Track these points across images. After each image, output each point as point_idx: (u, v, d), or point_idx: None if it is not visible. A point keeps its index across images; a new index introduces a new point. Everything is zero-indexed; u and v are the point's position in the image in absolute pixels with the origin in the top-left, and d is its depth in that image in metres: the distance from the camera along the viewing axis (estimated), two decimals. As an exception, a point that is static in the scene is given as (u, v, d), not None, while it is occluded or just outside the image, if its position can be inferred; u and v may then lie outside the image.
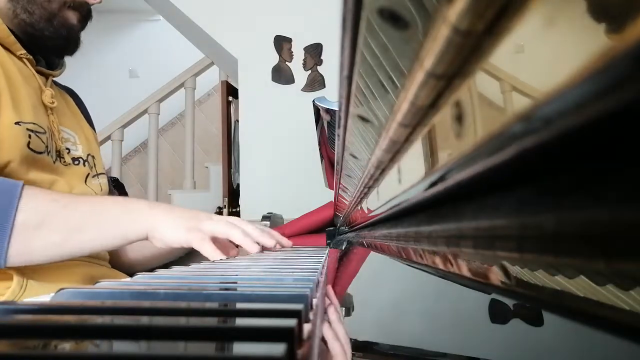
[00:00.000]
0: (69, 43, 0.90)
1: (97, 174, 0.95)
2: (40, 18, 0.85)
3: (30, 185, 0.71)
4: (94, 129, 1.05)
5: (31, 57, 0.85)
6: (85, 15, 0.91)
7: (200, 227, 0.73)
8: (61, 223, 0.69)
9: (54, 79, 0.94)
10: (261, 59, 2.70)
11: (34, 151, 0.78)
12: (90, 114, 1.07)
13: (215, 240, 0.74)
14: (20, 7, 0.84)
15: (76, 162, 0.90)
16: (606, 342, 0.13)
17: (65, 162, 0.86)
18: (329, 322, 0.29)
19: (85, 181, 0.90)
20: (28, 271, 0.73)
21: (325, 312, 0.32)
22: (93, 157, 0.96)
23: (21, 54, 0.84)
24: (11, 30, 0.83)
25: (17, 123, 0.75)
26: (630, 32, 0.08)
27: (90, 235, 0.71)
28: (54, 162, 0.83)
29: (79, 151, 0.92)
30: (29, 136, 0.77)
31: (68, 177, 0.86)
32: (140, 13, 4.75)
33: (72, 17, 0.88)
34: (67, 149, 0.88)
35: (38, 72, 0.87)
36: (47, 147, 0.81)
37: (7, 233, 0.65)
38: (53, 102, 0.86)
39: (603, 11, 0.09)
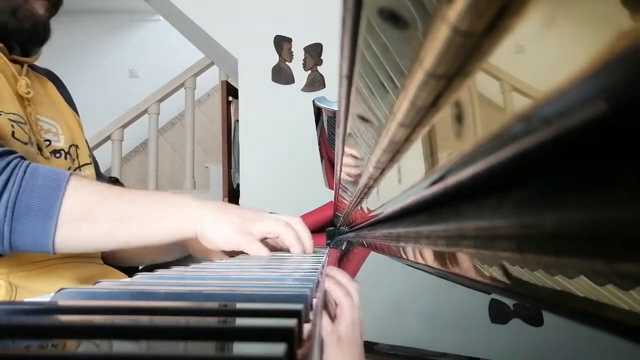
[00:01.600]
0: (35, 35, 0.85)
1: (80, 166, 0.91)
2: (2, 11, 0.81)
3: (77, 175, 0.70)
4: (77, 113, 1.00)
5: (2, 45, 0.81)
6: (55, 2, 0.87)
7: (250, 229, 0.72)
8: (107, 214, 0.69)
9: (32, 63, 0.89)
10: (261, 59, 2.70)
11: (21, 141, 0.75)
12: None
13: (265, 239, 0.73)
14: None
15: (57, 155, 0.86)
16: (606, 342, 0.13)
17: (45, 155, 0.83)
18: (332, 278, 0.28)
19: None
20: (16, 278, 0.73)
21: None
22: (77, 146, 0.91)
23: None
24: None
25: None
26: (630, 31, 0.08)
27: (137, 229, 0.70)
28: (37, 155, 0.80)
29: (60, 142, 0.88)
30: (12, 126, 0.74)
31: None
32: (140, 13, 4.74)
33: (39, 6, 0.84)
34: (47, 140, 0.85)
35: (12, 60, 0.83)
36: (30, 138, 0.78)
37: (54, 220, 0.65)
38: (29, 92, 0.83)
39: (603, 11, 0.09)
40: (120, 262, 0.97)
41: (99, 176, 1.01)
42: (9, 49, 0.84)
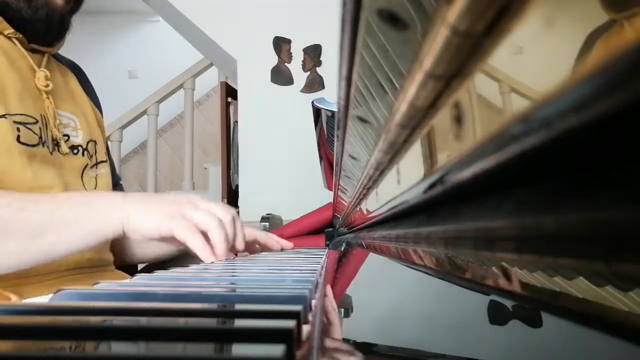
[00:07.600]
0: (50, 27, 0.81)
1: (97, 163, 0.89)
2: None
3: None
4: (100, 109, 0.97)
5: (21, 35, 0.78)
6: None
7: (182, 212, 0.67)
8: (18, 228, 0.63)
9: (56, 52, 0.88)
10: (260, 60, 2.70)
11: (27, 145, 0.73)
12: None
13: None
14: None
15: (75, 151, 0.84)
16: (606, 343, 0.13)
17: (62, 151, 0.81)
18: None
19: (82, 175, 0.85)
20: (27, 290, 0.70)
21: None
22: (95, 142, 0.89)
23: (9, 33, 0.77)
24: None
25: (1, 116, 0.71)
26: (630, 32, 0.08)
27: (54, 239, 0.64)
28: (51, 153, 0.78)
29: (79, 138, 0.86)
30: (18, 129, 0.72)
31: (65, 170, 0.80)
32: (140, 14, 4.74)
33: None
34: (65, 135, 0.83)
35: (33, 50, 0.81)
36: (40, 137, 0.76)
37: None
38: (48, 85, 0.80)
39: (602, 12, 0.09)
40: (129, 261, 0.96)
41: (114, 175, 0.99)
42: (30, 38, 0.81)
